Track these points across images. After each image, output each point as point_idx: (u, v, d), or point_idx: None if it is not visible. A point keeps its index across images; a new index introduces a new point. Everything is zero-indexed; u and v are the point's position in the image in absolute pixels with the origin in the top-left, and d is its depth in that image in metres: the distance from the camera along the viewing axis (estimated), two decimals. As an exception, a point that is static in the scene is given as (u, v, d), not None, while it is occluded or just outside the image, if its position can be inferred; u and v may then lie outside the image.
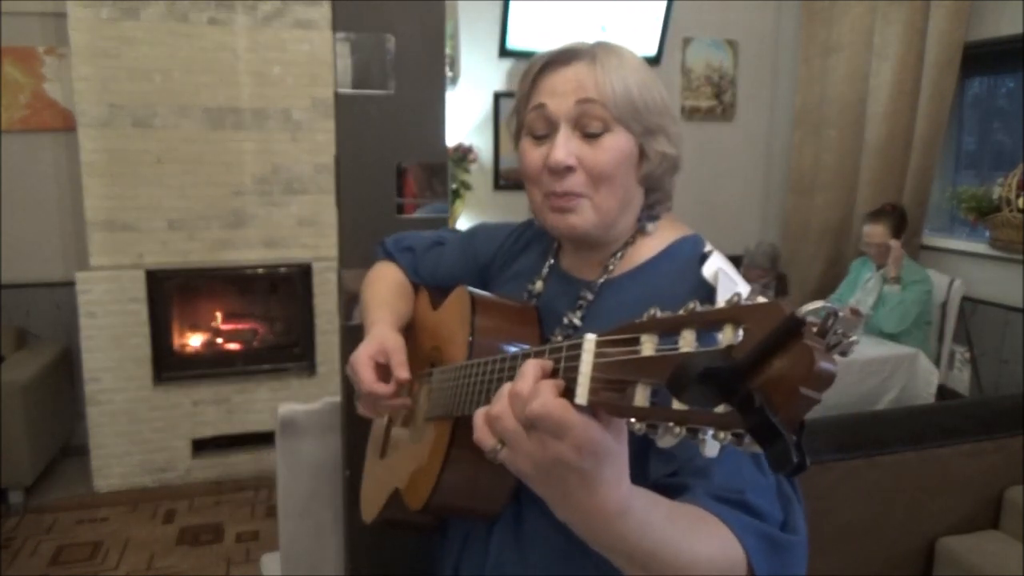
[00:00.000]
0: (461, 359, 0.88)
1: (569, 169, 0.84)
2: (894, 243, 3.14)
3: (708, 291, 0.77)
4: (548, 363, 0.60)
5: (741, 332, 0.45)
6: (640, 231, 0.91)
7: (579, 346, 0.56)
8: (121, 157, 3.19)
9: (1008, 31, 3.24)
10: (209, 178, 3.32)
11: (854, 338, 0.44)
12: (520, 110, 0.90)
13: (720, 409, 0.45)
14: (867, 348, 2.99)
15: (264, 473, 3.36)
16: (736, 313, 0.46)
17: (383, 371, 0.99)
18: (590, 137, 0.84)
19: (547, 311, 0.94)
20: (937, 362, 3.29)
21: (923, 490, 1.98)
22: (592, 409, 0.55)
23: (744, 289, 0.77)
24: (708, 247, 0.86)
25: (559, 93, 0.84)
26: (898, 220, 3.22)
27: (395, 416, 1.13)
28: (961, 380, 3.40)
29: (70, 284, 3.17)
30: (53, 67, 3.35)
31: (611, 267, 0.91)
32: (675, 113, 0.90)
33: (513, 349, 0.84)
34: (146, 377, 3.24)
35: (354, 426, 1.54)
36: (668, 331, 0.50)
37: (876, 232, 3.19)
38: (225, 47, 3.25)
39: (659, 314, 0.51)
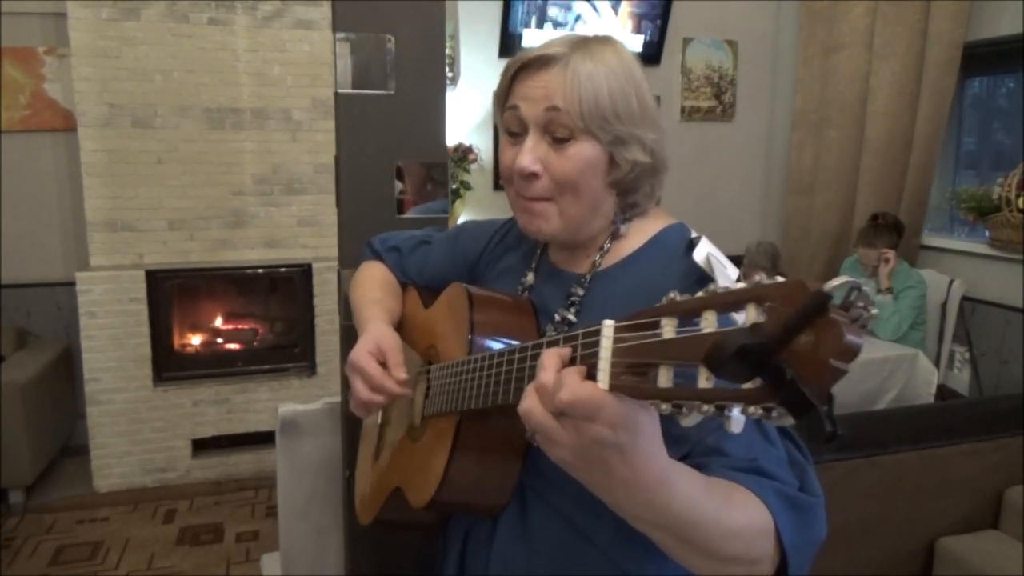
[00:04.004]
0: (460, 355, 0.88)
1: (534, 175, 0.85)
2: (887, 253, 3.15)
3: (700, 276, 0.78)
4: (566, 351, 0.61)
5: (764, 311, 0.46)
6: (614, 233, 0.91)
7: (597, 332, 0.58)
8: (121, 157, 3.19)
9: (1008, 31, 3.24)
10: (209, 178, 3.32)
11: (875, 310, 0.46)
12: (499, 106, 0.91)
13: (749, 385, 0.46)
14: (867, 348, 2.97)
15: (264, 473, 3.37)
16: (759, 292, 0.47)
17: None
18: (558, 142, 0.84)
19: (539, 307, 0.94)
20: (937, 362, 3.30)
21: (923, 490, 1.98)
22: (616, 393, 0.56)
23: (733, 273, 0.78)
24: (694, 233, 0.87)
25: (530, 98, 0.85)
26: (893, 232, 3.23)
27: (388, 418, 1.13)
28: (961, 380, 3.40)
29: (70, 284, 3.17)
30: (53, 67, 3.35)
31: (598, 261, 0.91)
32: (658, 119, 0.88)
33: (512, 343, 0.84)
34: (146, 377, 3.24)
35: (354, 426, 1.54)
36: (688, 314, 0.51)
37: (872, 255, 3.20)
38: (225, 47, 3.26)
39: (679, 297, 0.52)
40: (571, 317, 0.91)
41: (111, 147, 3.18)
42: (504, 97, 0.90)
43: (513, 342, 0.85)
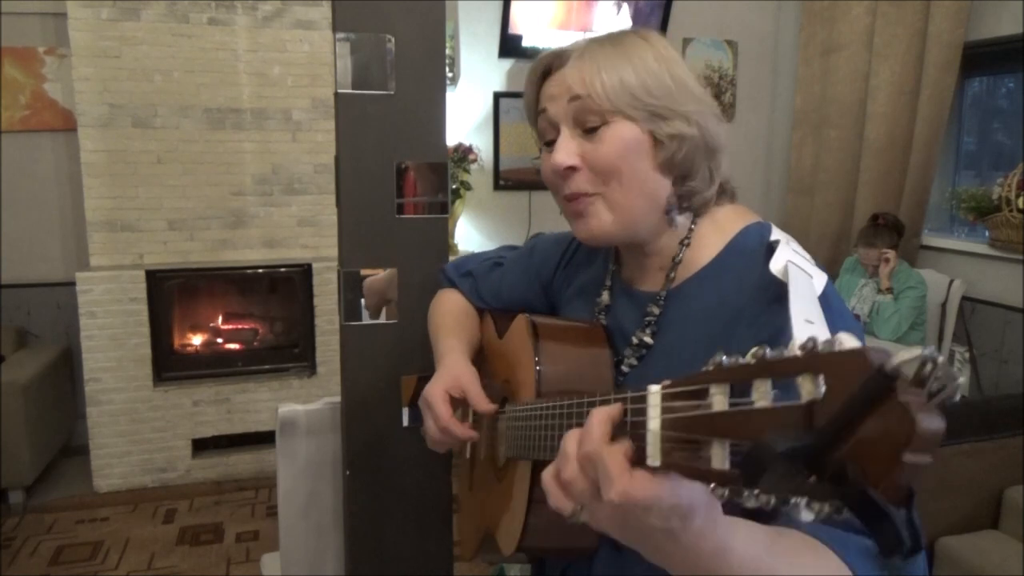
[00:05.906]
0: (531, 393, 0.85)
1: (572, 169, 0.81)
2: (887, 253, 3.15)
3: (778, 288, 0.70)
4: (616, 410, 0.55)
5: (822, 384, 0.38)
6: (670, 223, 0.84)
7: (644, 399, 0.51)
8: (121, 157, 3.19)
9: (1008, 31, 3.24)
10: (209, 178, 3.32)
11: (960, 379, 0.36)
12: (531, 117, 0.88)
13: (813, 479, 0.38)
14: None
15: (264, 473, 3.37)
16: (814, 363, 0.39)
17: (457, 404, 0.96)
18: (590, 132, 0.80)
19: (615, 329, 0.89)
20: (937, 362, 3.29)
21: (923, 490, 1.97)
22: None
23: (820, 280, 0.71)
24: (775, 235, 0.80)
25: (554, 96, 0.82)
26: (893, 232, 3.23)
27: (477, 447, 1.09)
28: (961, 380, 3.40)
29: (70, 284, 3.17)
30: (53, 67, 3.35)
31: (672, 275, 0.85)
32: (701, 94, 0.81)
33: (583, 374, 0.82)
34: (146, 377, 3.24)
35: (354, 426, 1.54)
36: (739, 381, 0.44)
37: (872, 255, 3.21)
38: (225, 47, 3.26)
39: (725, 362, 0.45)
40: (648, 339, 0.85)
41: (111, 147, 3.18)
42: (534, 107, 0.86)
43: (584, 374, 0.83)
